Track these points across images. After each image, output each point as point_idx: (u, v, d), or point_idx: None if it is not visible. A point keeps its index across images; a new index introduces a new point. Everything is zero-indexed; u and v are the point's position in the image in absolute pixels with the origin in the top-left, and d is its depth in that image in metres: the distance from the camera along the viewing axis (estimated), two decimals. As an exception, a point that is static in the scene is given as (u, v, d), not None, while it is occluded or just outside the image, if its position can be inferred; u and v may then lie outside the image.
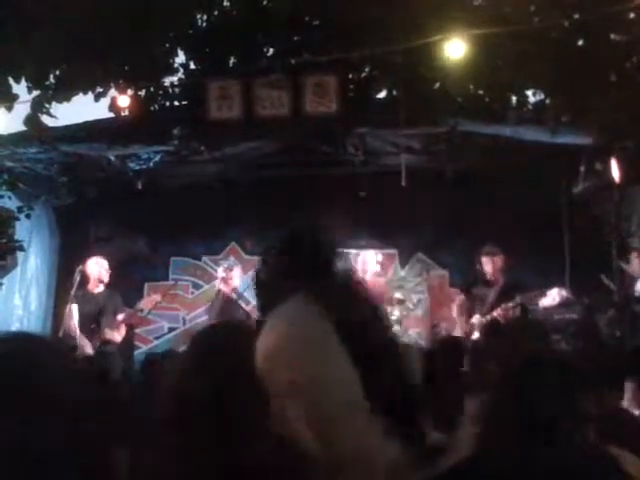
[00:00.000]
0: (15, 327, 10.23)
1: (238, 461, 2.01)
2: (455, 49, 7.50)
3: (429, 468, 1.25)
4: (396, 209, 9.76)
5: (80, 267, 8.92)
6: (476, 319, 8.56)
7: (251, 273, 8.38)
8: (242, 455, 2.03)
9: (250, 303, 9.59)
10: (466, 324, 8.64)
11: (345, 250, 8.14)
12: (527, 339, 3.55)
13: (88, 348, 8.52)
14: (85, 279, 8.92)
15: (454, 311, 8.91)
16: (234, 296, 9.30)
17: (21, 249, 9.55)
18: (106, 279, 9.09)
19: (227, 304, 9.25)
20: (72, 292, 8.68)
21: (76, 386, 1.35)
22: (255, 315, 9.46)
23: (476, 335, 8.43)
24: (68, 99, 8.25)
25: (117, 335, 8.79)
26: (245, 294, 9.34)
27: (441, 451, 1.28)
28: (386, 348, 1.38)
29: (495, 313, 8.42)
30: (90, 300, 8.87)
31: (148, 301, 9.13)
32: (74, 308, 8.58)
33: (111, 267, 9.24)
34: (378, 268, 9.77)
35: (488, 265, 8.75)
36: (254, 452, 2.04)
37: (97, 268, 9.03)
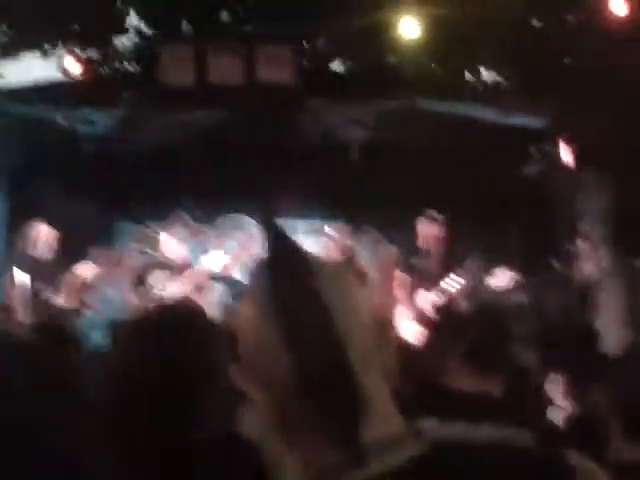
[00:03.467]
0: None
1: (181, 446, 1.98)
2: (409, 28, 7.49)
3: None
4: (348, 183, 9.72)
5: (26, 232, 8.82)
6: (423, 297, 8.52)
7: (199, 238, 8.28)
8: (186, 441, 2.01)
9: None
10: (411, 302, 8.59)
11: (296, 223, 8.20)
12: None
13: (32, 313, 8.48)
14: (32, 244, 8.82)
15: (396, 291, 8.85)
16: None
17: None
18: (52, 245, 9.00)
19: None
20: (17, 257, 8.59)
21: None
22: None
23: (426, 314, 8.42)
24: (17, 57, 8.15)
25: (59, 299, 8.72)
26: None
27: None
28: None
29: (440, 293, 8.39)
30: (35, 265, 8.78)
31: (84, 268, 8.99)
32: (18, 273, 8.49)
33: (57, 231, 9.13)
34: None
35: (423, 229, 8.63)
36: (199, 438, 2.03)
37: (42, 233, 8.92)
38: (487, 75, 8.34)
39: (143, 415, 2.03)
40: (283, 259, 1.29)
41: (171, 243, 9.17)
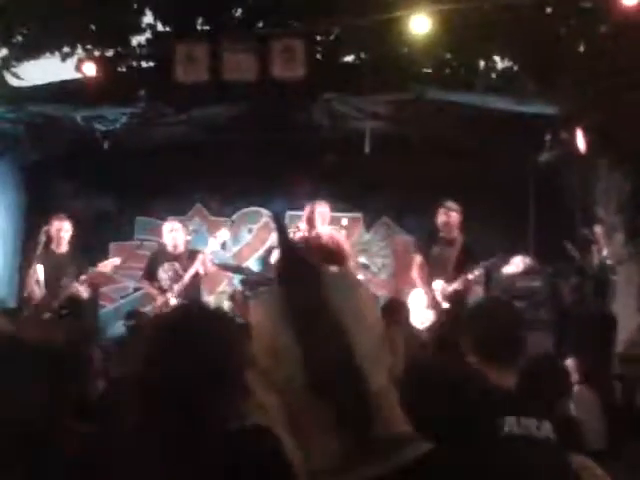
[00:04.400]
0: (-20, 286, 10.24)
1: (205, 446, 2.01)
2: (420, 25, 7.51)
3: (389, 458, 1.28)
4: (362, 174, 9.80)
5: (46, 227, 8.90)
6: (439, 285, 8.60)
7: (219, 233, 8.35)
8: (209, 441, 2.04)
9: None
10: (428, 286, 8.68)
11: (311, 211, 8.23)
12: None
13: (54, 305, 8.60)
14: (49, 239, 8.89)
15: (414, 273, 8.94)
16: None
17: (-16, 211, 9.58)
18: (69, 238, 9.09)
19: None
20: (37, 252, 8.67)
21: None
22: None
23: (441, 303, 8.51)
24: (35, 58, 8.21)
25: (83, 291, 8.81)
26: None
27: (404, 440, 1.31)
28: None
29: (458, 283, 8.47)
30: (53, 260, 8.86)
31: (107, 264, 9.07)
32: (39, 269, 8.58)
33: (76, 226, 9.22)
34: (342, 232, 9.78)
35: (442, 217, 8.74)
36: (222, 438, 2.08)
37: (59, 228, 8.99)
38: (500, 63, 8.32)
39: (160, 407, 2.07)
40: (293, 267, 1.36)
41: (178, 234, 9.18)
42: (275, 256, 8.36)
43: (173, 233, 9.12)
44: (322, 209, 8.62)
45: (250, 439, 2.04)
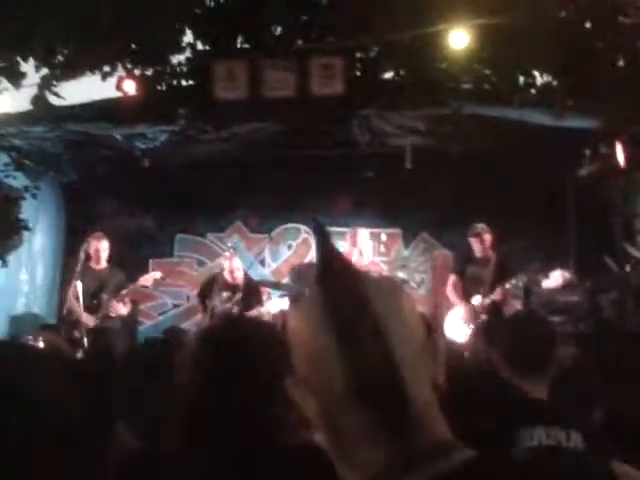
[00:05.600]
0: (21, 303, 10.33)
1: (256, 464, 2.01)
2: (458, 39, 7.52)
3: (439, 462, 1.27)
4: (401, 189, 9.80)
5: (85, 245, 8.97)
6: (477, 300, 8.60)
7: (255, 250, 8.44)
8: (262, 452, 2.03)
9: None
10: (464, 303, 8.70)
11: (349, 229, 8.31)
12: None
13: (91, 323, 8.64)
14: (87, 256, 8.96)
15: (449, 291, 8.99)
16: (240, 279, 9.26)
17: (26, 229, 9.62)
18: (107, 255, 9.15)
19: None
20: (77, 269, 8.73)
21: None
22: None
23: (479, 316, 8.51)
24: (75, 78, 8.28)
25: (122, 308, 8.87)
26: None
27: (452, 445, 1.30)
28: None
29: (496, 294, 8.45)
30: (92, 276, 8.92)
31: (149, 277, 9.12)
32: (78, 285, 8.64)
33: (116, 243, 9.31)
34: (382, 248, 9.81)
35: (476, 245, 8.86)
36: (273, 455, 2.05)
37: (98, 245, 9.06)
38: (539, 78, 8.29)
39: (203, 425, 2.07)
40: (332, 272, 1.35)
41: (238, 273, 9.26)
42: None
43: (235, 273, 9.23)
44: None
45: (303, 456, 2.03)
